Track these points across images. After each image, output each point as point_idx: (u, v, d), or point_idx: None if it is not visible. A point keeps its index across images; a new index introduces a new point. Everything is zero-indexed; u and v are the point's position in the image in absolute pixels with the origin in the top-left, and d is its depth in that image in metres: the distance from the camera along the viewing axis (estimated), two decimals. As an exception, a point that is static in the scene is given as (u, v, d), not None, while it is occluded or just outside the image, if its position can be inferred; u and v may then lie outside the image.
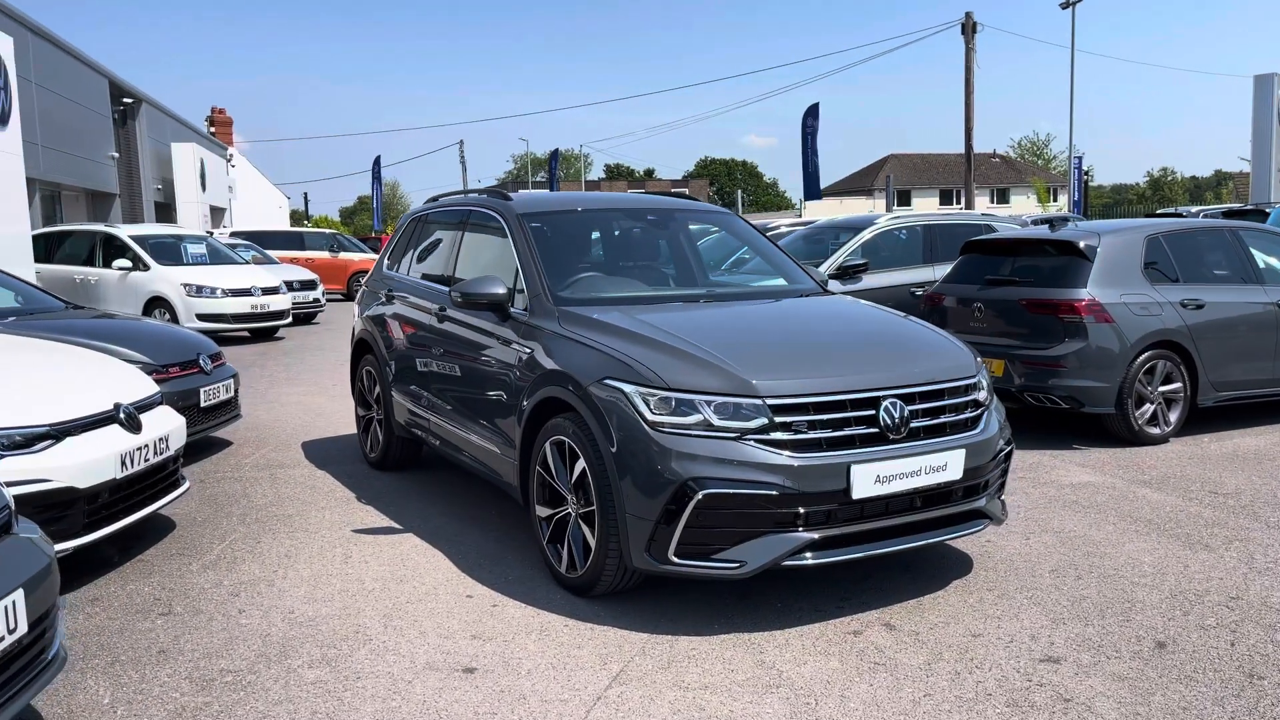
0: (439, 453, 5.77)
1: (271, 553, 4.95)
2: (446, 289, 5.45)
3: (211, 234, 24.14)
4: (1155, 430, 7.09)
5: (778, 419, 3.80)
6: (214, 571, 4.68)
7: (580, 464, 4.11)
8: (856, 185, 74.04)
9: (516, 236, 5.09)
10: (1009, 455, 4.48)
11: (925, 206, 62.97)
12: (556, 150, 44.30)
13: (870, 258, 9.65)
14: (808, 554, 3.82)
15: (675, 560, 3.80)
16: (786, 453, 3.76)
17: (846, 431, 3.89)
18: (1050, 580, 4.41)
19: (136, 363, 6.56)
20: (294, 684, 3.47)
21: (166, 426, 5.05)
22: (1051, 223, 7.83)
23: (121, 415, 4.71)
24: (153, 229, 17.18)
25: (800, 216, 32.68)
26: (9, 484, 3.97)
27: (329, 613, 4.14)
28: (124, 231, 16.10)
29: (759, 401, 3.81)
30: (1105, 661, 3.58)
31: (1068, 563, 4.63)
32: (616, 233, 5.61)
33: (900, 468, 3.89)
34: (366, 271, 27.57)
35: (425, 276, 6.04)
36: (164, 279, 15.24)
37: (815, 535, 3.81)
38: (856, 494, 3.81)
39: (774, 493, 3.72)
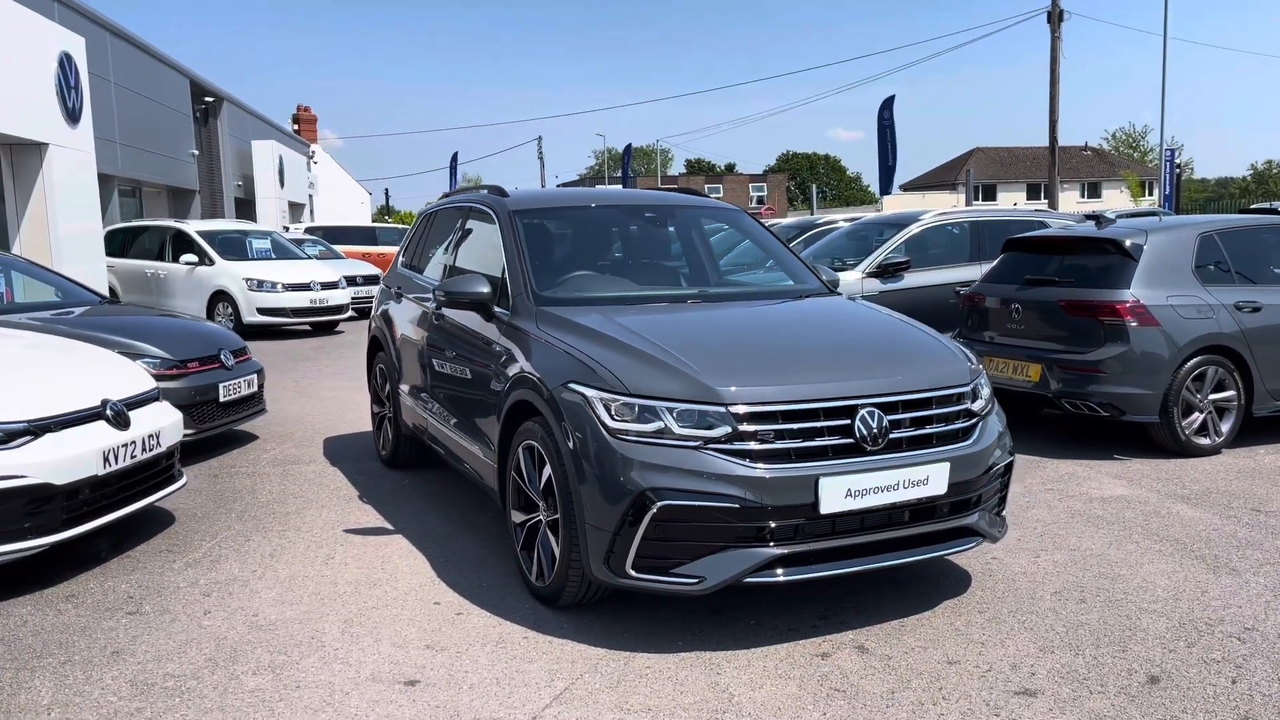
0: (435, 450, 5.69)
1: (257, 552, 4.92)
2: None
3: (287, 229, 24.71)
4: (1205, 441, 6.65)
5: (742, 427, 3.61)
6: (195, 570, 4.67)
7: (548, 470, 3.98)
8: (940, 179, 72.34)
9: (506, 234, 4.97)
10: (1009, 469, 4.20)
11: (1010, 201, 61.22)
12: (629, 146, 44.28)
13: (914, 256, 9.31)
14: (778, 570, 3.62)
15: (633, 573, 3.63)
16: (750, 463, 3.57)
17: (818, 442, 3.67)
18: (1050, 603, 4.12)
19: (155, 358, 6.66)
20: (232, 691, 3.41)
21: (159, 423, 5.07)
22: (1098, 219, 7.42)
23: (109, 412, 4.73)
24: (219, 225, 17.58)
25: (880, 211, 32.02)
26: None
27: (293, 616, 4.08)
28: (191, 227, 16.50)
29: (722, 409, 3.61)
30: (1086, 697, 3.31)
31: (1074, 584, 4.32)
32: (615, 230, 5.45)
33: (875, 481, 3.66)
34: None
35: (426, 274, 5.97)
36: (227, 274, 15.57)
37: (781, 551, 3.61)
38: (825, 508, 3.59)
39: (735, 505, 3.53)
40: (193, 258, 15.87)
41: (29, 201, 13.87)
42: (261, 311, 15.28)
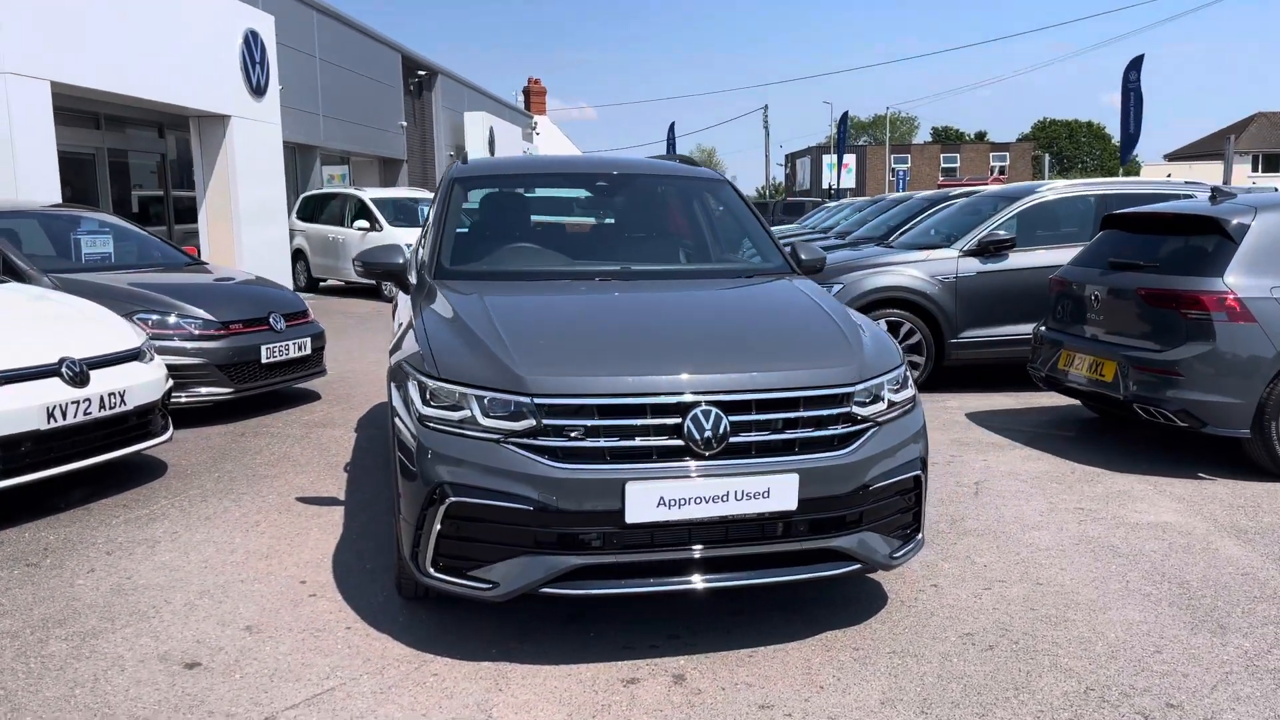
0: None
1: (198, 514, 5.00)
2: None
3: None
4: (1315, 463, 5.50)
5: (547, 421, 3.22)
6: (126, 527, 4.79)
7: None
8: (1212, 148, 65.22)
9: (439, 202, 4.76)
10: (916, 484, 3.57)
11: (1292, 174, 54.24)
12: (845, 114, 42.65)
13: (1028, 232, 8.30)
14: (581, 582, 3.24)
15: (433, 573, 3.34)
16: (553, 462, 3.18)
17: (639, 441, 3.23)
18: (949, 647, 3.47)
19: (196, 319, 6.96)
20: (26, 655, 3.42)
21: (126, 382, 5.24)
22: (1216, 193, 6.27)
23: (64, 370, 4.92)
24: (394, 193, 18.41)
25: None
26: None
27: (160, 583, 4.09)
28: (367, 195, 17.35)
29: (528, 400, 3.24)
30: (881, 771, 2.73)
31: (997, 627, 3.63)
32: (562, 201, 5.10)
33: (696, 490, 3.18)
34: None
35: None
36: (393, 239, 16.25)
37: (582, 561, 3.21)
38: (632, 518, 3.15)
39: (529, 508, 3.17)
40: (364, 223, 16.69)
41: (213, 170, 15.00)
42: (419, 276, 15.85)
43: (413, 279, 4.46)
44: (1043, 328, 6.79)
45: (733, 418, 3.27)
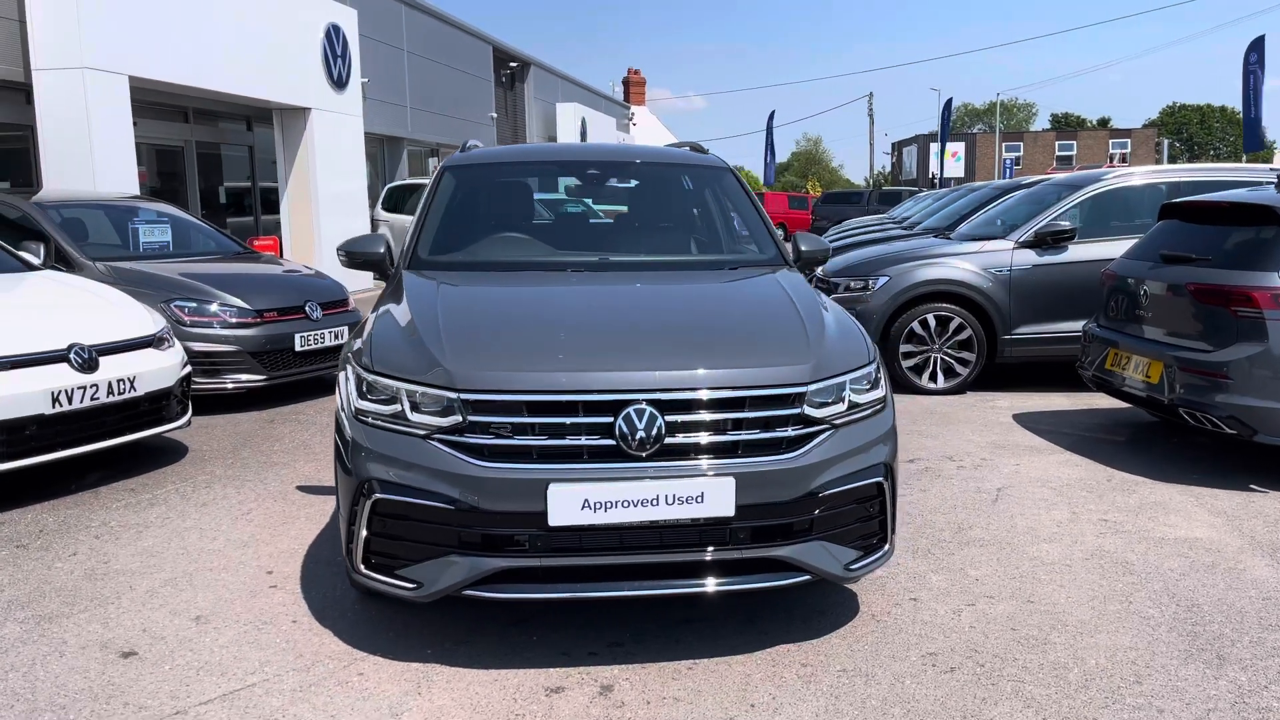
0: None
1: (196, 499, 5.06)
2: None
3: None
4: (1384, 477, 5.00)
5: (473, 418, 3.10)
6: (122, 511, 4.88)
7: None
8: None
9: (427, 191, 4.69)
10: (879, 491, 3.33)
11: None
12: (949, 101, 41.29)
13: (1092, 223, 7.82)
14: (506, 585, 3.12)
15: (363, 570, 3.26)
16: (477, 460, 3.07)
17: (569, 441, 3.08)
18: (908, 668, 3.23)
19: (232, 307, 7.08)
20: (-22, 636, 3.49)
21: (137, 368, 5.33)
22: (1283, 179, 5.77)
23: (72, 356, 5.04)
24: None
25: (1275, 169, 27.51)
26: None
27: (133, 568, 4.13)
28: (446, 185, 17.51)
29: (455, 395, 3.13)
30: (783, 802, 2.53)
31: (969, 648, 3.37)
32: (550, 188, 4.96)
33: (624, 493, 3.02)
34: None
35: None
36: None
37: (506, 564, 3.09)
38: (555, 520, 3.01)
39: (450, 507, 3.06)
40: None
41: (294, 161, 15.38)
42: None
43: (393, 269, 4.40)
44: (1093, 325, 6.37)
45: (670, 417, 3.10)
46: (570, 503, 3.01)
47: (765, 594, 3.66)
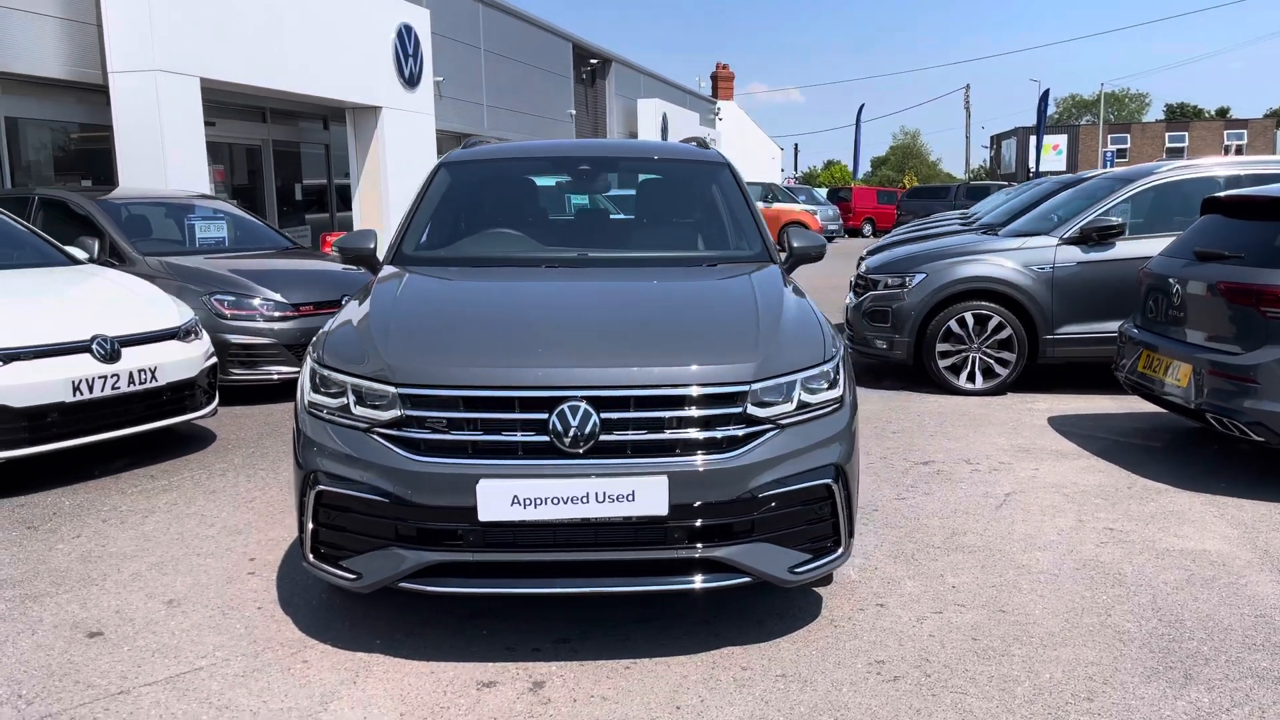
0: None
1: (207, 486, 5.23)
2: None
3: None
4: None
5: (410, 412, 3.14)
6: (138, 496, 5.07)
7: None
8: None
9: (420, 187, 4.75)
10: (825, 499, 3.25)
11: None
12: (1047, 91, 40.03)
13: (1145, 218, 7.49)
14: (439, 579, 3.14)
15: (312, 560, 3.33)
16: (412, 454, 3.10)
17: (504, 436, 3.09)
18: (850, 675, 3.14)
19: (269, 300, 7.30)
20: (-36, 612, 3.67)
21: (159, 359, 5.53)
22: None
23: (95, 346, 5.25)
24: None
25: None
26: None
27: (127, 552, 4.28)
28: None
29: (392, 389, 3.16)
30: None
31: (920, 656, 3.26)
32: (544, 186, 4.96)
33: (554, 490, 3.01)
34: (798, 222, 27.72)
35: None
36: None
37: (439, 557, 3.11)
38: (485, 515, 3.02)
39: (385, 500, 3.10)
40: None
41: (366, 159, 15.75)
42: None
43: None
44: (1129, 325, 6.10)
45: (606, 415, 3.08)
46: (499, 499, 3.01)
47: (715, 594, 3.61)
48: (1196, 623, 3.51)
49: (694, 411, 3.12)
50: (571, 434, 3.04)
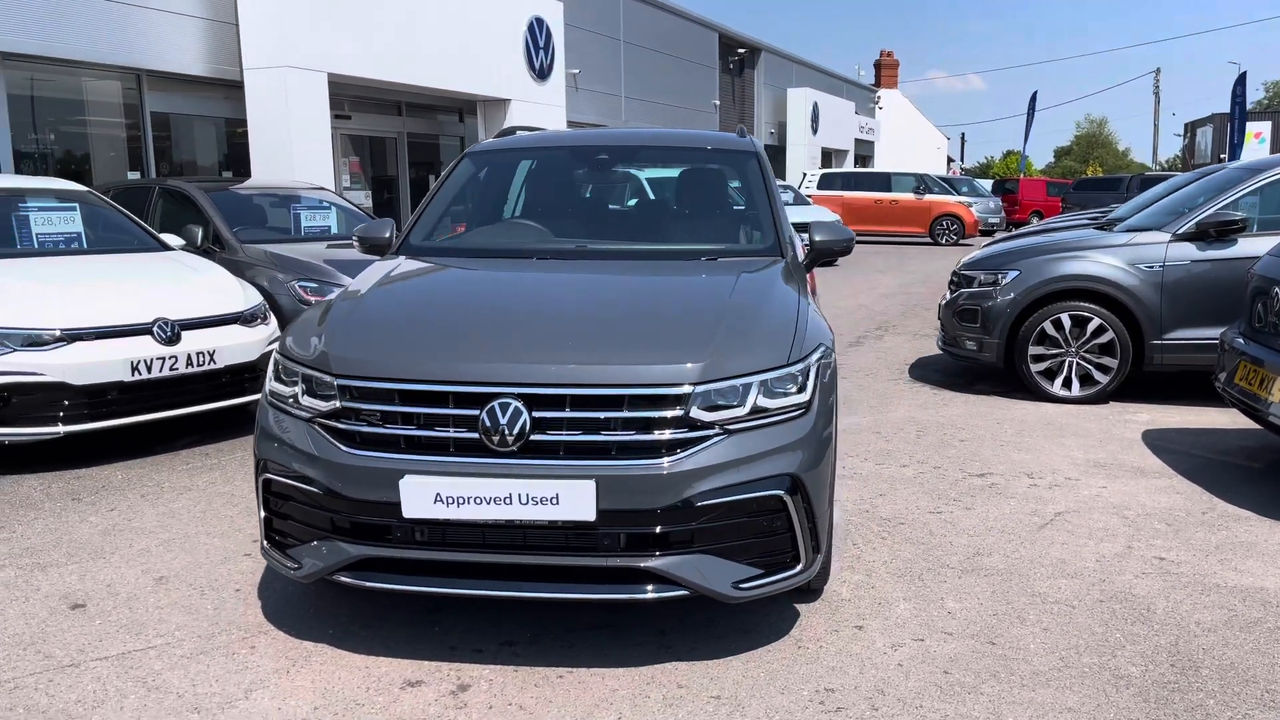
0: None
1: (245, 468, 5.37)
2: None
3: (804, 175, 25.22)
4: None
5: (346, 404, 3.10)
6: (184, 474, 5.28)
7: None
8: None
9: (440, 176, 4.74)
10: (778, 511, 3.03)
11: None
12: (1244, 74, 36.85)
13: (1275, 213, 6.74)
14: (364, 573, 3.10)
15: (265, 547, 3.35)
16: (345, 447, 3.07)
17: (437, 432, 3.01)
18: (788, 702, 2.91)
19: (342, 287, 7.49)
20: (-24, 577, 3.89)
21: (218, 343, 5.76)
22: None
23: (155, 329, 5.51)
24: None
25: None
26: (10, 373, 5.01)
27: (148, 528, 4.45)
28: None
29: (331, 380, 3.14)
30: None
31: (876, 688, 2.99)
32: (565, 175, 4.84)
33: (476, 489, 2.91)
34: (951, 215, 26.65)
35: None
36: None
37: (366, 552, 3.07)
38: (409, 512, 2.96)
39: (319, 491, 3.08)
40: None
41: (495, 150, 16.02)
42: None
43: (395, 253, 4.48)
44: (1232, 332, 5.49)
45: (539, 414, 2.96)
46: (423, 495, 2.94)
47: (675, 605, 3.43)
48: (1214, 671, 3.09)
49: (630, 413, 2.96)
50: (500, 432, 2.93)
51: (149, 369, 5.44)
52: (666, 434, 2.95)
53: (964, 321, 7.31)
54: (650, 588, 2.98)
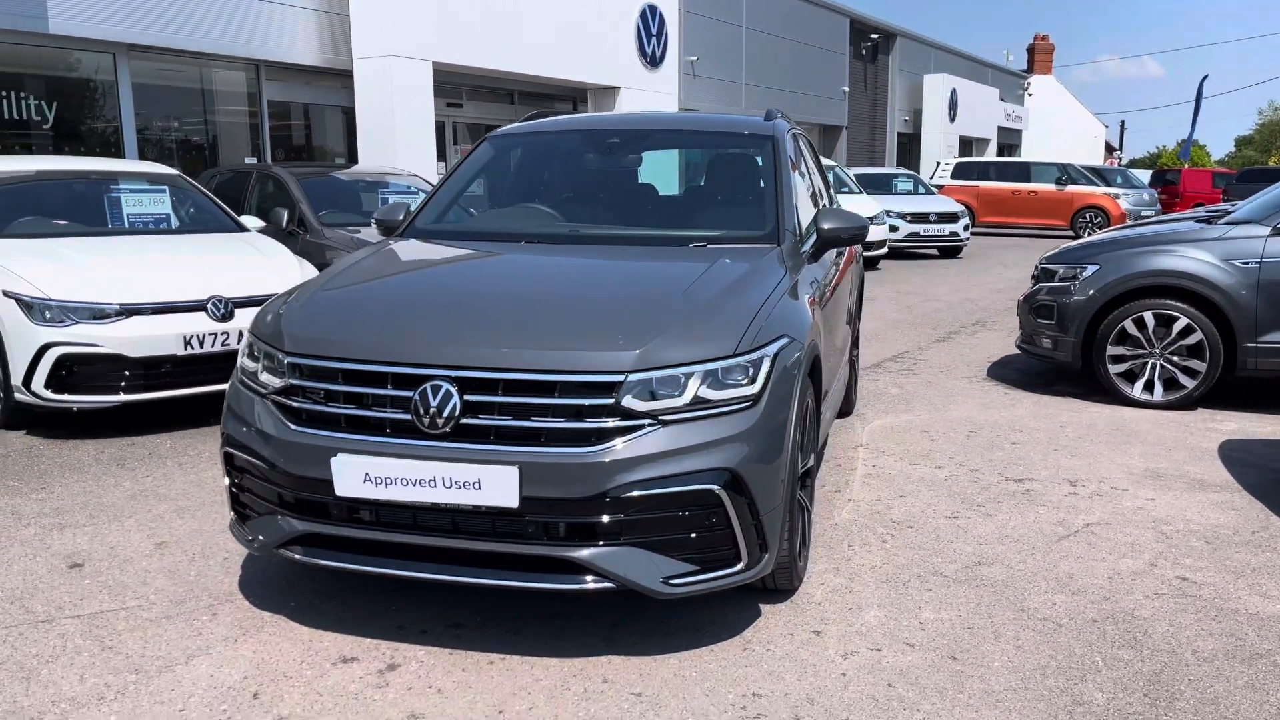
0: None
1: (289, 442, 5.58)
2: None
3: (937, 165, 24.39)
4: None
5: (293, 381, 3.16)
6: (214, 444, 5.40)
7: None
8: None
9: (459, 158, 4.77)
10: (714, 506, 2.92)
11: None
12: None
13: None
14: (307, 549, 3.16)
15: (233, 519, 3.45)
16: (288, 423, 3.13)
17: (374, 412, 3.03)
18: (707, 705, 2.80)
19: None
20: (4, 532, 4.14)
21: (269, 321, 5.97)
22: None
23: (210, 306, 5.76)
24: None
25: None
26: (73, 344, 5.34)
27: (173, 494, 4.65)
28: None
29: (282, 356, 3.20)
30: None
31: (808, 699, 2.85)
32: (579, 159, 4.78)
33: (401, 470, 2.92)
34: (1095, 207, 25.32)
35: None
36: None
37: (305, 528, 3.12)
38: (341, 490, 2.99)
39: (264, 465, 3.15)
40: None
41: (605, 137, 16.11)
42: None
43: (408, 236, 4.54)
44: (1318, 334, 5.00)
45: (471, 397, 2.94)
46: (353, 474, 2.97)
47: (615, 597, 3.35)
48: (1191, 705, 2.82)
49: (561, 400, 2.91)
50: (430, 414, 2.93)
51: (201, 344, 5.69)
52: (597, 422, 2.88)
53: (1040, 318, 6.90)
54: (590, 579, 2.93)
